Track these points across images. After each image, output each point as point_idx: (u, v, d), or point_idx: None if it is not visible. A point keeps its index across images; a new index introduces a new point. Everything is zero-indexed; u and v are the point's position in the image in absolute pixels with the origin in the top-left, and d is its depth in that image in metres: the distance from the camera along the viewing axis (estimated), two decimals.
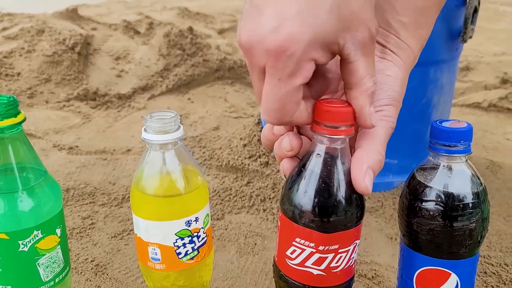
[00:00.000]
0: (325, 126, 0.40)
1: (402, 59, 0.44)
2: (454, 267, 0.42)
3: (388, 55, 0.44)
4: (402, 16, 0.43)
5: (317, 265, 0.42)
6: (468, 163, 0.42)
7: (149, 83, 1.39)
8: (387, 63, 0.44)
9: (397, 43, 0.44)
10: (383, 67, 0.43)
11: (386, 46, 0.44)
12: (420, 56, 0.76)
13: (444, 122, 0.42)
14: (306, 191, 0.41)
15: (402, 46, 0.44)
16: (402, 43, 0.44)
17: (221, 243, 0.74)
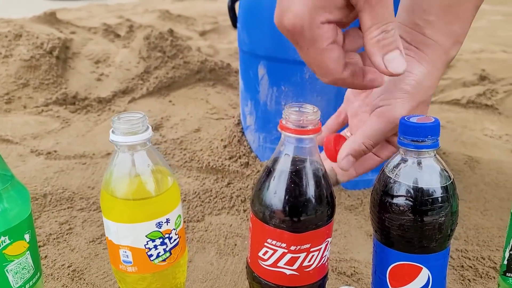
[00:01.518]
0: (293, 126, 0.40)
1: (427, 55, 0.46)
2: (425, 262, 0.42)
3: (411, 51, 0.46)
4: (429, 14, 0.45)
5: (289, 265, 0.42)
6: (436, 158, 0.42)
7: (129, 86, 1.38)
8: (409, 59, 0.45)
9: (422, 40, 0.46)
10: None
11: (411, 43, 0.46)
12: None
13: (412, 117, 0.42)
14: (276, 191, 0.41)
15: (427, 43, 0.46)
16: (428, 39, 0.46)
17: (201, 245, 0.74)
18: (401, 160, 0.43)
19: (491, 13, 2.95)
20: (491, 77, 1.51)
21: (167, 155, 1.04)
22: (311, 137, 0.40)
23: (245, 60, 0.93)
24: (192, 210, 0.83)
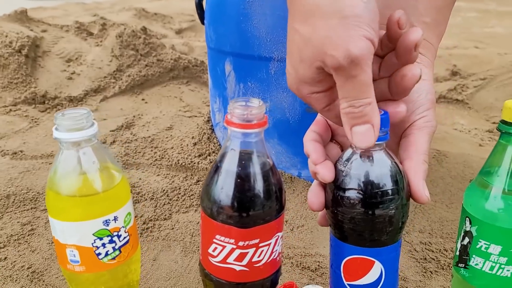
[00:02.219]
0: (238, 121, 0.40)
1: (428, 58, 0.46)
2: (377, 255, 0.43)
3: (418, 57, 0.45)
4: (425, 16, 0.45)
5: (239, 261, 0.42)
6: (386, 151, 0.42)
7: (101, 85, 1.36)
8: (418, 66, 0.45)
9: (423, 44, 0.46)
10: None
11: None
12: None
13: None
14: (222, 187, 0.40)
15: (427, 46, 0.46)
16: (427, 42, 0.46)
17: (167, 243, 0.73)
18: (352, 154, 0.43)
19: (467, 10, 2.99)
20: (462, 72, 1.53)
21: (137, 153, 1.03)
22: (256, 131, 0.40)
23: (212, 57, 0.92)
24: (159, 209, 0.82)
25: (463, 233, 0.46)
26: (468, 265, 0.45)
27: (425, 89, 0.43)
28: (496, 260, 0.43)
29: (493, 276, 0.43)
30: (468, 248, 0.45)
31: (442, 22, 0.46)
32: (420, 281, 0.64)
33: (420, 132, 0.42)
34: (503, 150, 0.43)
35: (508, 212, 0.42)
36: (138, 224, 0.77)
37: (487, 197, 0.43)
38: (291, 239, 0.75)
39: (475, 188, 0.45)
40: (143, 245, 0.72)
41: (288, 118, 0.83)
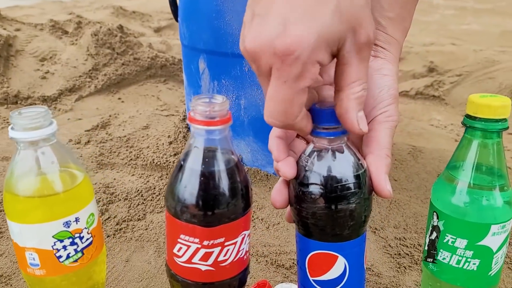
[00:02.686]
0: (201, 118, 0.39)
1: (392, 54, 0.45)
2: (340, 250, 0.42)
3: (380, 52, 0.45)
4: (389, 11, 0.45)
5: (204, 261, 0.41)
6: (347, 145, 0.42)
7: (76, 84, 1.34)
8: (381, 62, 0.45)
9: (386, 39, 0.45)
10: (379, 66, 0.44)
11: (377, 44, 0.45)
12: None
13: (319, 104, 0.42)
14: (186, 185, 0.40)
15: (391, 41, 0.45)
16: (391, 38, 0.45)
17: (140, 244, 0.72)
18: (313, 149, 0.42)
19: (445, 7, 3.03)
20: (439, 68, 1.54)
21: (112, 153, 1.02)
22: (220, 128, 0.39)
23: (186, 55, 0.91)
24: (133, 209, 0.81)
25: (431, 227, 0.46)
26: (436, 260, 0.45)
27: (386, 85, 0.43)
28: (462, 254, 0.43)
29: (459, 270, 0.43)
30: (436, 242, 0.45)
31: (407, 17, 0.46)
32: (394, 276, 0.65)
33: (382, 127, 0.42)
34: (468, 145, 0.43)
35: (474, 206, 0.42)
36: (111, 225, 0.76)
37: (453, 191, 0.43)
38: (267, 237, 0.74)
39: (442, 183, 0.45)
40: (115, 246, 0.71)
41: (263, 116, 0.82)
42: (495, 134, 0.41)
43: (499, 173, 0.42)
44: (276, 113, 0.36)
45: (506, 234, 0.42)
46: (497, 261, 0.43)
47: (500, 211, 0.42)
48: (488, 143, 0.42)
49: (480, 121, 0.41)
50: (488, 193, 0.42)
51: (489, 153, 0.42)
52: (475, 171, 0.42)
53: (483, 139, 0.42)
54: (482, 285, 0.43)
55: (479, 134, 0.42)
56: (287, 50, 0.33)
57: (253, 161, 0.87)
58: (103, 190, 0.86)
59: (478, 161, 0.42)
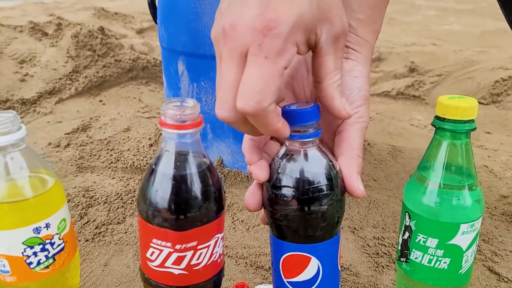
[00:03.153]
0: (171, 122, 0.39)
1: (363, 55, 0.46)
2: (313, 251, 0.43)
3: (351, 54, 0.46)
4: (359, 13, 0.45)
5: (177, 265, 0.41)
6: (319, 147, 0.42)
7: (56, 87, 1.32)
8: (352, 63, 0.45)
9: (357, 41, 0.46)
10: (350, 68, 0.45)
11: (348, 46, 0.46)
12: None
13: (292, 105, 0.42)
14: (157, 189, 0.40)
15: (361, 43, 0.46)
16: (361, 39, 0.46)
17: (119, 248, 0.71)
18: (286, 151, 0.42)
19: (427, 8, 3.06)
20: (419, 69, 1.56)
21: (92, 156, 1.01)
22: (191, 132, 0.39)
23: (165, 57, 0.91)
24: (113, 212, 0.81)
25: (404, 227, 0.47)
26: (409, 259, 0.46)
27: (357, 86, 0.44)
28: (433, 253, 0.43)
29: (431, 269, 0.44)
30: (408, 242, 0.46)
31: (377, 18, 0.47)
32: (372, 276, 0.65)
33: (353, 128, 0.43)
34: (438, 145, 0.43)
35: (444, 206, 0.43)
36: (90, 229, 0.75)
37: (424, 191, 0.44)
38: (247, 239, 0.74)
39: (414, 183, 0.46)
40: (94, 250, 0.70)
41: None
42: (463, 135, 0.42)
43: (468, 173, 0.43)
44: (252, 93, 0.35)
45: (475, 232, 0.43)
46: (467, 259, 0.43)
47: (469, 210, 0.42)
48: (457, 144, 0.42)
49: (449, 123, 0.42)
50: (457, 192, 0.43)
51: (458, 154, 0.43)
52: (444, 171, 0.43)
53: (452, 140, 0.42)
54: (453, 283, 0.44)
55: (448, 135, 0.42)
56: (269, 24, 0.34)
57: (233, 163, 0.87)
58: (82, 194, 0.85)
59: (448, 162, 0.43)
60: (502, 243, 0.73)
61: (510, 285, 0.63)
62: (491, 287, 0.63)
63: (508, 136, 1.18)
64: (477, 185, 0.43)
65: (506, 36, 2.06)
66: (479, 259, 0.69)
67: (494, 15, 2.56)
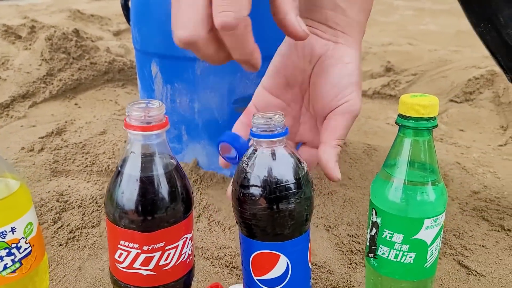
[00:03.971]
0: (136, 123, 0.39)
1: (353, 37, 0.45)
2: (282, 249, 0.43)
3: (340, 37, 0.45)
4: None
5: (145, 266, 0.41)
6: (286, 146, 0.43)
7: (30, 90, 1.30)
8: (342, 48, 0.44)
9: (346, 22, 0.45)
10: (340, 54, 0.44)
11: (336, 28, 0.45)
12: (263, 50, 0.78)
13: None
14: (123, 191, 0.40)
15: (352, 24, 0.45)
16: (352, 20, 0.45)
17: (93, 251, 0.71)
18: (253, 151, 0.43)
19: (404, 8, 3.11)
20: (395, 68, 1.58)
21: (67, 160, 1.00)
22: (157, 133, 0.39)
23: (139, 59, 0.90)
24: (87, 216, 0.80)
25: (371, 224, 0.48)
26: (376, 255, 0.47)
27: (347, 73, 0.44)
28: (399, 248, 0.44)
29: (397, 264, 0.45)
30: (375, 238, 0.46)
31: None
32: (345, 273, 0.66)
33: (342, 118, 0.43)
34: (402, 143, 0.44)
35: (408, 202, 0.44)
36: (64, 233, 0.75)
37: (389, 188, 0.45)
38: (223, 240, 0.74)
39: (379, 180, 0.47)
40: (67, 255, 0.70)
41: (217, 119, 0.83)
42: (425, 132, 0.43)
43: (431, 169, 0.44)
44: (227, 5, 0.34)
45: (439, 227, 0.44)
46: (431, 253, 0.44)
47: (432, 206, 0.43)
48: (420, 141, 0.43)
49: (411, 120, 0.43)
50: (421, 188, 0.43)
51: (420, 150, 0.43)
52: (408, 168, 0.44)
53: (415, 137, 0.43)
54: (419, 277, 0.45)
55: (411, 132, 0.43)
56: None
57: (209, 164, 0.87)
58: (56, 198, 0.84)
59: (411, 159, 0.44)
60: (472, 237, 0.74)
61: (479, 278, 0.65)
62: (460, 280, 0.64)
63: (481, 133, 1.20)
64: (440, 181, 0.44)
65: None
66: (450, 253, 0.70)
67: None
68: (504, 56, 0.70)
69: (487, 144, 1.12)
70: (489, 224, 0.78)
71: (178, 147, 0.88)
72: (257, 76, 0.80)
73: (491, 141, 1.14)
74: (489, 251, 0.71)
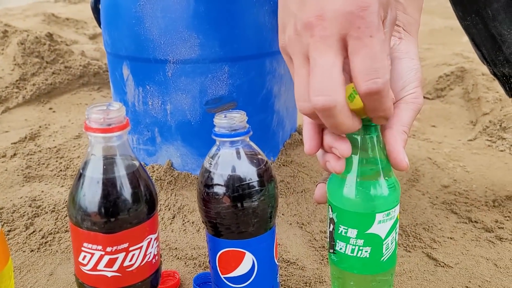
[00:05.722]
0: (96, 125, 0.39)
1: (412, 35, 0.46)
2: (246, 246, 0.44)
3: (402, 34, 0.45)
4: None
5: (109, 267, 0.41)
6: (249, 145, 0.44)
7: (2, 96, 1.29)
8: (406, 44, 0.45)
9: (407, 20, 0.45)
10: (405, 49, 0.45)
11: (399, 25, 0.45)
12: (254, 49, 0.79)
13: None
14: (85, 194, 0.40)
15: (410, 21, 0.46)
16: (410, 17, 0.46)
17: (66, 256, 0.71)
18: (216, 150, 0.44)
19: None
20: None
21: (40, 165, 0.99)
22: (117, 135, 0.40)
23: (110, 62, 0.90)
24: (60, 221, 0.79)
25: (329, 220, 0.48)
26: (335, 250, 0.48)
27: (414, 68, 0.44)
28: (355, 243, 0.45)
29: (354, 258, 0.46)
30: (333, 234, 0.47)
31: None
32: (317, 269, 0.67)
33: (408, 107, 0.44)
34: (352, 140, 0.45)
35: (359, 197, 0.44)
36: (36, 239, 0.74)
37: (341, 184, 0.45)
38: (197, 240, 0.75)
39: (333, 177, 0.48)
40: (39, 260, 0.69)
41: (190, 120, 0.83)
42: (372, 129, 0.44)
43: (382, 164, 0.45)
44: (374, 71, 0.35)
45: (393, 221, 0.45)
46: (387, 247, 0.45)
47: (384, 200, 0.44)
48: (367, 138, 0.44)
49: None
50: (372, 183, 0.44)
51: (369, 147, 0.44)
52: (359, 164, 0.45)
53: (364, 135, 0.44)
54: (376, 271, 0.46)
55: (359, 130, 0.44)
56: (362, 5, 0.34)
57: (183, 165, 0.87)
58: (28, 204, 0.83)
59: (361, 155, 0.44)
60: (441, 230, 0.76)
61: (446, 269, 0.67)
62: (428, 272, 0.66)
63: (452, 129, 1.23)
64: (391, 175, 0.45)
65: (452, 34, 2.15)
66: (419, 246, 0.72)
67: (442, 13, 2.66)
68: (489, 49, 0.71)
69: (457, 139, 1.15)
70: (458, 217, 0.80)
71: (152, 149, 0.88)
72: (228, 77, 0.81)
73: (461, 136, 1.17)
74: (457, 243, 0.73)
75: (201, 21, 0.77)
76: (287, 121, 0.94)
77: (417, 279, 0.65)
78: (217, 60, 0.79)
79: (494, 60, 0.72)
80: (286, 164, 0.90)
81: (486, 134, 1.14)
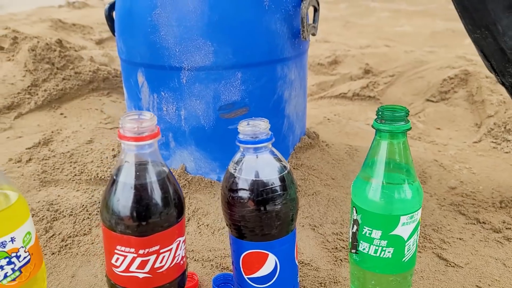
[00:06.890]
0: (130, 134, 0.41)
1: None
2: (270, 248, 0.46)
3: None
4: None
5: (141, 269, 0.43)
6: (272, 151, 0.46)
7: (15, 102, 1.31)
8: None
9: None
10: None
11: None
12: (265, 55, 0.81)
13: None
14: (119, 199, 0.42)
15: None
16: None
17: (86, 258, 0.73)
18: (241, 156, 0.46)
19: (380, 10, 3.18)
20: (374, 70, 1.63)
21: (55, 170, 1.01)
22: (149, 143, 0.42)
23: (124, 68, 0.92)
24: (78, 224, 0.81)
25: (352, 221, 0.51)
26: (358, 251, 0.50)
27: None
28: (378, 244, 0.47)
29: (377, 258, 0.48)
30: (356, 235, 0.50)
31: None
32: (331, 269, 0.69)
33: None
34: (378, 145, 0.48)
35: (385, 200, 0.47)
36: (56, 242, 0.76)
37: (368, 188, 0.48)
38: (212, 242, 0.77)
39: (359, 180, 0.50)
40: (61, 263, 0.71)
41: (204, 125, 0.85)
42: (400, 135, 0.46)
43: (406, 169, 0.47)
44: None
45: (415, 223, 0.48)
46: (409, 248, 0.48)
47: (408, 203, 0.47)
48: (394, 143, 0.46)
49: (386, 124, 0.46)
50: (397, 187, 0.47)
51: (396, 152, 0.47)
52: (385, 168, 0.47)
53: (391, 140, 0.47)
54: (398, 271, 0.48)
55: (387, 135, 0.47)
56: None
57: (196, 169, 0.89)
58: (46, 208, 0.86)
59: (388, 160, 0.47)
60: (450, 231, 0.78)
61: (456, 269, 0.69)
62: (439, 272, 0.68)
63: (456, 131, 1.25)
64: (415, 180, 0.48)
65: (454, 36, 2.17)
66: (429, 247, 0.74)
67: (443, 15, 2.69)
68: (498, 61, 0.74)
69: (462, 141, 1.17)
70: (466, 218, 0.82)
71: (166, 153, 0.90)
72: (240, 83, 0.83)
73: (466, 138, 1.19)
74: (466, 243, 0.75)
75: (215, 29, 0.79)
76: (297, 125, 0.96)
77: (429, 278, 0.67)
78: (230, 67, 0.82)
79: (502, 71, 0.74)
80: (296, 168, 0.92)
81: (491, 136, 1.16)
